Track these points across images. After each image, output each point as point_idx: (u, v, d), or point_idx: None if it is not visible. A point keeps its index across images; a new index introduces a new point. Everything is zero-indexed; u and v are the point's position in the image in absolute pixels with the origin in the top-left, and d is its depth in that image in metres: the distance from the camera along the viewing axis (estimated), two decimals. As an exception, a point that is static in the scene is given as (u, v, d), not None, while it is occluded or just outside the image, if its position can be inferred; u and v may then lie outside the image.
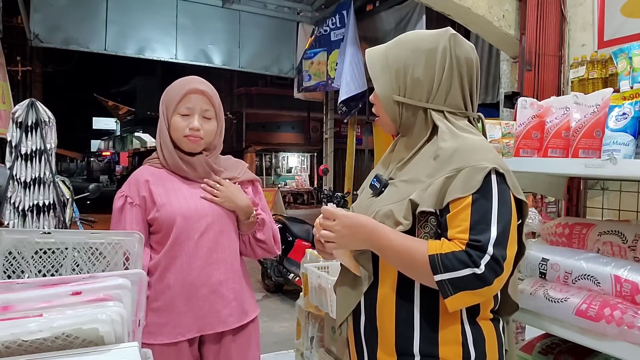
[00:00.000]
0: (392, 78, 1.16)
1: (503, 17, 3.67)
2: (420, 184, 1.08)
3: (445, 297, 1.01)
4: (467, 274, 0.98)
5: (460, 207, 1.02)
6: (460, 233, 1.01)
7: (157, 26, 6.50)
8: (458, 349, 1.07)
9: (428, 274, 1.01)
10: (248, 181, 1.74)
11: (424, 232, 1.07)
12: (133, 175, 1.63)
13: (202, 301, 1.56)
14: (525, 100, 1.61)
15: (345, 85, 5.92)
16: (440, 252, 1.01)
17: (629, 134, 1.26)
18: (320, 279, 2.25)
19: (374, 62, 1.20)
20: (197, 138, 1.58)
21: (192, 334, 1.55)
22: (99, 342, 0.87)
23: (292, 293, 5.72)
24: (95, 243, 1.28)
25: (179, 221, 1.54)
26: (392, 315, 1.11)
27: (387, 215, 1.10)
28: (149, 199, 1.56)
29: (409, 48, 1.16)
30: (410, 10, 5.82)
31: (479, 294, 1.00)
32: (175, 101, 1.58)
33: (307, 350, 2.58)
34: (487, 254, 0.98)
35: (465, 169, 1.03)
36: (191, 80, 1.62)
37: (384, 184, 1.18)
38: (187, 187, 1.60)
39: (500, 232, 1.00)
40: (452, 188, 1.03)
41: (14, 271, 1.22)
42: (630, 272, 1.26)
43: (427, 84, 1.14)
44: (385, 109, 1.18)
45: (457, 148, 1.06)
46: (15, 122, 3.08)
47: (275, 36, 7.20)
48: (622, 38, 2.83)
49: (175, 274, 1.54)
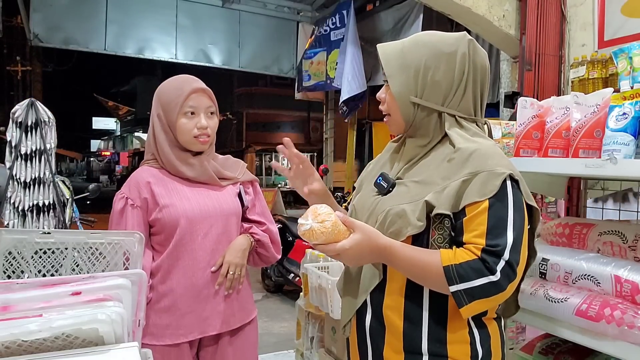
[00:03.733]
0: (410, 78, 1.14)
1: (503, 17, 3.67)
2: (434, 186, 1.08)
3: (460, 306, 1.01)
4: (483, 283, 0.99)
5: (476, 211, 1.02)
6: (477, 237, 1.01)
7: (157, 26, 6.50)
8: (466, 348, 1.08)
9: (443, 285, 1.02)
10: (248, 181, 1.74)
11: (438, 234, 1.07)
12: (133, 176, 1.61)
13: (204, 302, 1.55)
14: (526, 100, 1.61)
15: (347, 84, 5.91)
16: (454, 262, 1.01)
17: (629, 134, 1.26)
18: (320, 279, 2.25)
19: (389, 59, 1.16)
20: (206, 137, 1.58)
21: (194, 335, 1.55)
22: (99, 343, 0.87)
23: (292, 293, 5.72)
24: (95, 243, 1.28)
25: (183, 223, 1.53)
26: (401, 314, 1.11)
27: (399, 215, 1.09)
28: (151, 201, 1.55)
29: (429, 49, 1.14)
30: (409, 10, 5.82)
31: (493, 300, 1.01)
32: (178, 103, 1.55)
33: (307, 351, 2.58)
34: (502, 259, 0.99)
35: (482, 173, 1.04)
36: (188, 79, 1.60)
37: (392, 184, 1.16)
38: (189, 188, 1.59)
39: (515, 237, 1.01)
40: (469, 192, 1.04)
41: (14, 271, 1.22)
42: (631, 272, 1.26)
43: (445, 88, 1.13)
44: (400, 109, 1.16)
45: (472, 152, 1.07)
46: (15, 122, 3.08)
47: (275, 36, 7.20)
48: (622, 38, 2.83)
49: (179, 275, 1.54)
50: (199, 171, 1.59)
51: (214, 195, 1.61)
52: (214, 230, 1.58)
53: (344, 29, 6.23)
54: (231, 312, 1.60)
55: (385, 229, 1.10)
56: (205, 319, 1.55)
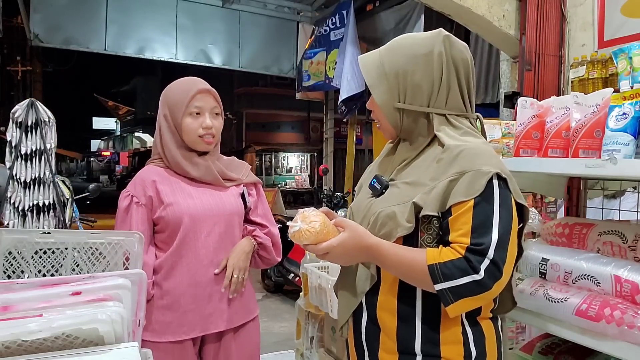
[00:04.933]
0: (390, 85, 1.15)
1: (503, 17, 3.67)
2: (423, 187, 1.08)
3: (446, 305, 1.02)
4: (467, 282, 0.99)
5: (462, 210, 1.03)
6: (461, 236, 1.02)
7: (157, 26, 6.50)
8: (459, 348, 1.08)
9: (429, 283, 1.03)
10: (251, 183, 1.75)
11: (426, 234, 1.08)
12: (138, 174, 1.63)
13: (207, 300, 1.57)
14: (525, 100, 1.61)
15: (346, 84, 5.92)
16: (439, 261, 1.01)
17: (629, 134, 1.26)
18: (320, 279, 2.25)
19: (368, 69, 1.18)
20: (211, 137, 1.61)
21: (195, 333, 1.56)
22: (99, 342, 0.87)
23: (292, 293, 5.72)
24: (95, 243, 1.28)
25: (187, 221, 1.55)
26: (394, 314, 1.12)
27: (389, 216, 1.10)
28: (155, 198, 1.57)
29: (405, 54, 1.15)
30: (409, 10, 5.82)
31: (480, 298, 1.01)
32: (183, 103, 1.58)
33: (307, 350, 2.58)
34: (487, 257, 0.99)
35: (469, 173, 1.04)
36: (195, 81, 1.64)
37: (385, 185, 1.17)
38: (193, 187, 1.61)
39: (500, 235, 1.01)
40: (455, 191, 1.04)
41: (14, 271, 1.22)
42: (631, 272, 1.26)
43: (427, 89, 1.14)
44: (386, 117, 1.18)
45: (460, 152, 1.07)
46: (15, 122, 3.08)
47: (275, 36, 7.21)
48: (622, 38, 2.83)
49: (182, 273, 1.56)
50: (204, 171, 1.61)
51: (217, 195, 1.63)
52: (216, 229, 1.59)
53: (343, 29, 6.23)
54: (233, 310, 1.61)
55: (377, 231, 1.11)
56: (208, 316, 1.57)
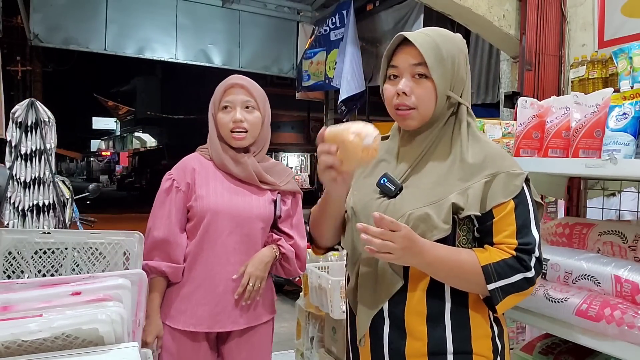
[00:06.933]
0: (446, 71, 1.13)
1: (503, 17, 3.67)
2: (453, 187, 1.08)
3: (496, 303, 1.05)
4: (519, 279, 1.05)
5: (504, 212, 1.07)
6: (508, 237, 1.06)
7: (157, 26, 6.49)
8: (488, 343, 1.12)
9: (480, 284, 1.05)
10: (290, 192, 1.72)
11: (462, 236, 1.10)
12: (183, 160, 1.68)
13: (218, 298, 1.58)
14: (526, 100, 1.61)
15: (346, 84, 5.91)
16: (492, 261, 1.05)
17: (629, 134, 1.26)
18: (320, 279, 2.25)
19: (427, 49, 1.10)
20: (242, 131, 1.62)
21: (202, 327, 1.58)
22: (99, 342, 0.87)
23: (292, 293, 5.72)
24: (95, 243, 1.29)
25: (209, 217, 1.58)
26: (423, 317, 1.10)
27: (422, 218, 1.06)
28: (191, 186, 1.61)
29: (456, 46, 1.16)
30: (409, 10, 5.81)
31: (524, 294, 1.07)
32: (217, 99, 1.65)
33: (307, 351, 2.58)
34: (534, 256, 1.06)
35: (501, 174, 1.08)
36: (231, 77, 1.70)
37: (399, 187, 1.13)
38: (229, 184, 1.64)
39: (540, 234, 1.08)
40: (493, 193, 1.07)
41: (14, 271, 1.23)
42: (631, 272, 1.26)
43: (465, 83, 1.18)
44: (438, 102, 1.13)
45: (486, 154, 1.11)
46: (15, 122, 3.07)
47: (275, 36, 7.19)
48: (622, 38, 2.82)
49: (201, 265, 1.59)
50: (240, 168, 1.63)
51: (248, 197, 1.64)
52: (238, 230, 1.61)
53: (343, 29, 6.23)
54: (240, 312, 1.61)
55: None
56: (216, 314, 1.58)
